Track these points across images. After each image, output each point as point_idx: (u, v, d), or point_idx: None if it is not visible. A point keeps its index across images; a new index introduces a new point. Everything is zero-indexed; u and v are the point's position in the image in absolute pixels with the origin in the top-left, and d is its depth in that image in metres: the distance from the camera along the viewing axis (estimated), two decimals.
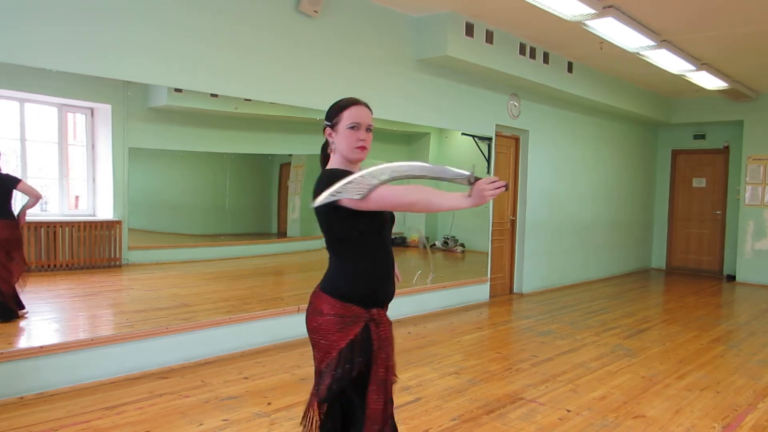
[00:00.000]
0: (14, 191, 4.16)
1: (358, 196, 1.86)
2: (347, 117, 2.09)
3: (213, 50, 4.58)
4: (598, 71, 8.33)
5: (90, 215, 4.75)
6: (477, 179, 1.86)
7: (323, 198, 1.89)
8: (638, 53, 6.73)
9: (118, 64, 4.08)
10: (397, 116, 6.17)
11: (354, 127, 2.09)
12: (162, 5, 4.28)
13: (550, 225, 8.52)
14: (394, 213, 2.17)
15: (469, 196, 1.91)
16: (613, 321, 6.52)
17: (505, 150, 7.86)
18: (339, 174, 1.96)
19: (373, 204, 1.89)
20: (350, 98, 2.16)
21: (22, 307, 4.20)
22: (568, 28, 6.10)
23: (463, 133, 7.16)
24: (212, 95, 4.78)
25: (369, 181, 1.85)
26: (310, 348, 2.13)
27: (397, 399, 3.82)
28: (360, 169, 2.00)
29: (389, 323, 2.15)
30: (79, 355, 3.90)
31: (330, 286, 2.09)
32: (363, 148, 2.10)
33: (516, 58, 6.76)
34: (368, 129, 2.12)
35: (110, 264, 4.79)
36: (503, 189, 1.90)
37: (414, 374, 4.38)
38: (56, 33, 3.78)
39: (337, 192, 1.87)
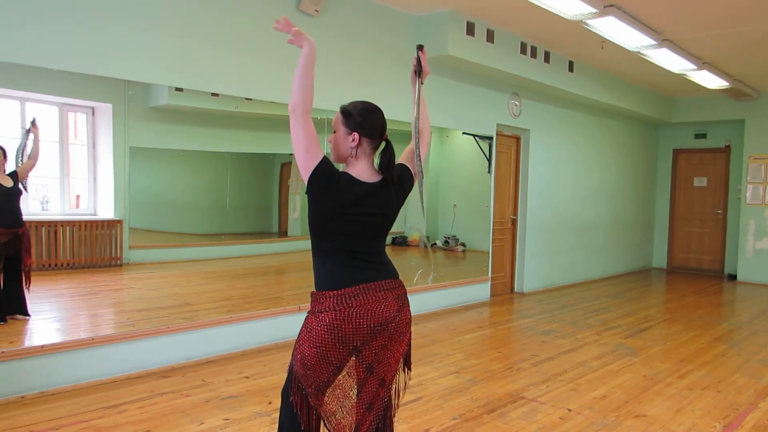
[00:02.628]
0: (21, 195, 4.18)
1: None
2: None
3: (214, 49, 4.58)
4: (599, 70, 8.33)
5: (91, 214, 4.75)
6: (419, 68, 2.26)
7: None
8: (639, 52, 6.73)
9: (119, 63, 4.08)
10: (398, 115, 6.14)
11: None
12: (163, 5, 4.28)
13: (550, 224, 8.51)
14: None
15: (422, 82, 2.25)
16: (614, 320, 6.52)
17: (506, 149, 7.86)
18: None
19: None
20: None
21: (27, 312, 4.21)
22: (569, 27, 6.09)
23: (464, 133, 7.16)
24: (213, 94, 4.78)
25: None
26: None
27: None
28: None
29: None
30: (80, 354, 3.91)
31: None
32: None
33: (517, 57, 6.76)
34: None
35: (111, 263, 4.79)
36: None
37: (415, 373, 4.38)
38: (57, 32, 3.78)
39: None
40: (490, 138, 7.37)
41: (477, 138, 7.24)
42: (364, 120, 2.12)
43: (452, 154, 7.79)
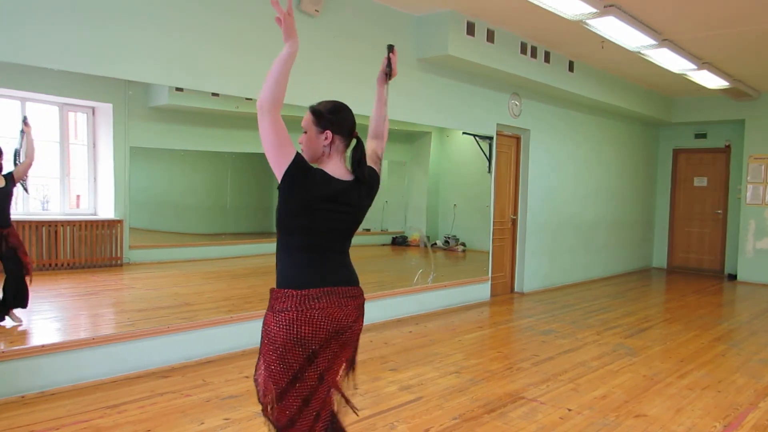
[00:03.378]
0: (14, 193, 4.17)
1: None
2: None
3: (214, 49, 4.58)
4: (599, 70, 8.33)
5: (91, 214, 4.75)
6: (389, 70, 2.36)
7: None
8: (639, 52, 6.73)
9: (120, 63, 4.08)
10: (398, 115, 6.16)
11: None
12: (163, 5, 4.28)
13: (551, 224, 8.51)
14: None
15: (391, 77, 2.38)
16: (614, 320, 6.52)
17: (506, 149, 7.86)
18: None
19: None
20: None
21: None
22: (569, 27, 6.09)
23: (464, 132, 7.16)
24: (213, 94, 4.78)
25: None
26: None
27: (398, 398, 3.83)
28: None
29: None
30: (80, 354, 3.91)
31: None
32: None
33: (517, 57, 6.76)
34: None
35: (111, 263, 4.80)
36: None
37: (415, 373, 4.38)
38: (57, 32, 3.77)
39: None
40: (490, 138, 7.37)
41: (477, 138, 7.25)
42: (335, 118, 2.13)
43: (452, 154, 7.79)
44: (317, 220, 2.04)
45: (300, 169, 1.99)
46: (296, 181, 1.99)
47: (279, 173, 1.99)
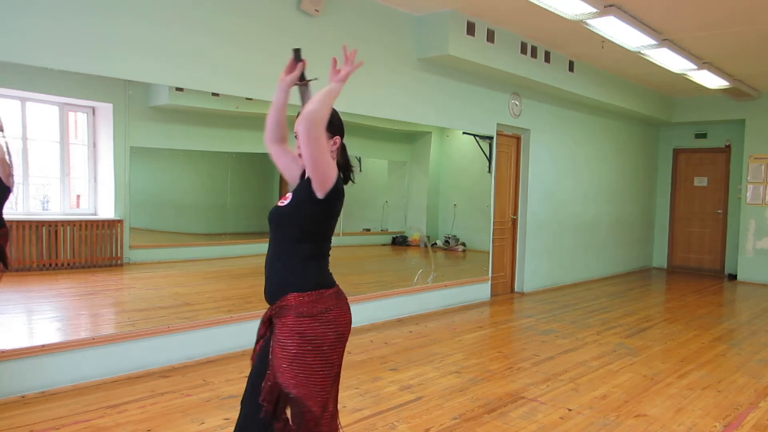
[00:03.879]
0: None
1: None
2: None
3: (214, 49, 4.58)
4: (599, 70, 8.33)
5: (91, 214, 4.75)
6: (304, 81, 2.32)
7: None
8: (639, 52, 6.73)
9: (120, 63, 4.08)
10: (398, 115, 6.16)
11: None
12: (163, 4, 4.28)
13: (551, 224, 8.51)
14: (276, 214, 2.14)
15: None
16: (615, 320, 6.52)
17: (507, 149, 7.86)
18: None
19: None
20: None
21: None
22: (569, 27, 6.09)
23: (464, 132, 7.16)
24: (213, 94, 4.78)
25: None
26: None
27: (399, 398, 3.83)
28: None
29: (281, 331, 1.99)
30: (80, 353, 3.91)
31: None
32: None
33: (517, 57, 6.76)
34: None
35: (112, 263, 4.79)
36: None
37: (415, 373, 4.38)
38: (57, 32, 3.78)
39: None
40: (491, 138, 7.37)
41: (477, 138, 7.25)
42: (340, 124, 2.20)
43: (452, 154, 7.79)
44: (332, 225, 2.11)
45: (341, 183, 2.07)
46: (339, 193, 2.04)
47: (324, 188, 1.98)
